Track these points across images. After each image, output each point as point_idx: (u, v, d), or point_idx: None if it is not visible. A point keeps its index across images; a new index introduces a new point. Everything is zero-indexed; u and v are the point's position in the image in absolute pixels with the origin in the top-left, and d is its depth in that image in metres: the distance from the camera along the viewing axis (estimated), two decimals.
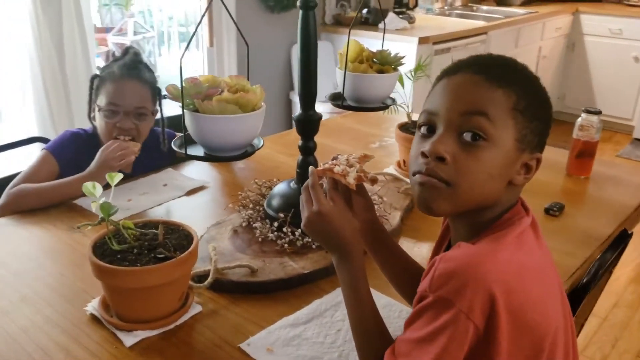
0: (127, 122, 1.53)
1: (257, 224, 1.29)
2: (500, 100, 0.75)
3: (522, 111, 0.76)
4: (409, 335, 0.74)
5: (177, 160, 1.71)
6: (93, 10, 6.88)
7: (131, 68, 1.56)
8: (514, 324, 0.70)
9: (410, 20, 3.78)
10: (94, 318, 1.03)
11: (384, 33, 1.50)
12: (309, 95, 1.28)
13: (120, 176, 1.04)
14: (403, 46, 3.04)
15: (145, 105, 1.57)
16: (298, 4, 1.21)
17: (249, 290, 1.13)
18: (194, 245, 1.02)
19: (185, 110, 1.06)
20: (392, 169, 1.74)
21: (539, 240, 0.81)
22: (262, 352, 0.98)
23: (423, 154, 0.76)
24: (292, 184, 1.34)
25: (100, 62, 6.07)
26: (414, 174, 0.78)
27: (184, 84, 1.08)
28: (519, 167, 0.78)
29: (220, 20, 3.03)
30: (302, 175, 1.32)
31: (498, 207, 0.80)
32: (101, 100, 1.55)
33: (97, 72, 1.61)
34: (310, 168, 0.91)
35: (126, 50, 1.63)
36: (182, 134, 1.09)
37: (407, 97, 1.67)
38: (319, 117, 1.30)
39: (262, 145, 1.17)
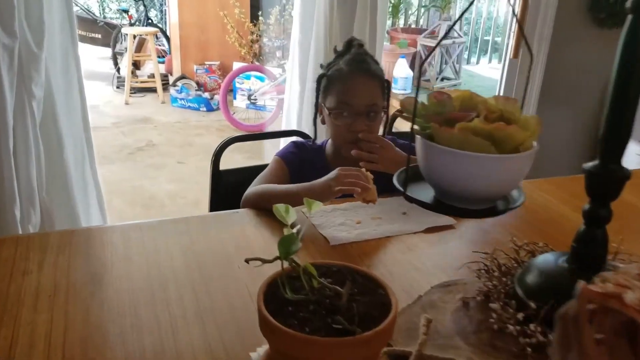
0: (360, 124, 1.40)
1: (496, 305, 0.93)
2: None
3: None
4: None
5: None
6: (411, 12, 7.02)
7: (359, 62, 1.43)
8: None
9: None
10: None
11: None
12: (615, 140, 0.85)
13: (319, 205, 0.81)
14: None
15: (376, 102, 1.43)
16: (628, 4, 0.81)
17: None
18: (387, 322, 0.73)
19: (417, 135, 0.77)
20: None
21: None
22: None
23: None
24: (562, 261, 0.94)
25: (404, 64, 6.14)
26: None
27: (427, 100, 0.79)
28: None
29: (534, 30, 2.61)
30: (579, 254, 0.90)
31: None
32: (330, 102, 1.44)
33: (324, 72, 1.49)
34: (579, 285, 0.53)
35: (349, 42, 1.49)
36: (406, 167, 0.80)
37: None
38: (625, 175, 0.86)
39: (521, 203, 0.81)
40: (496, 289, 0.98)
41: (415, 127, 0.79)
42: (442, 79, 6.36)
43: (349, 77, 1.41)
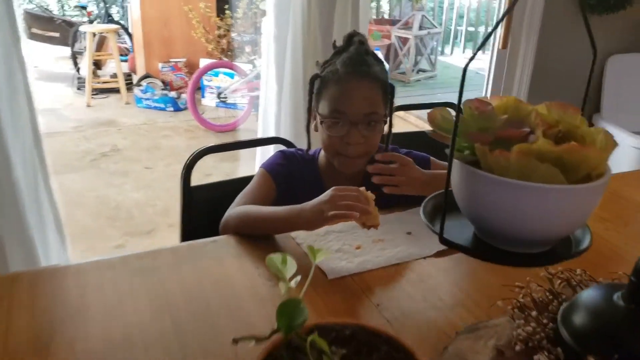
0: (356, 135, 1.21)
1: (540, 357, 0.75)
2: None
3: None
4: None
5: None
6: (383, 2, 6.87)
7: (358, 63, 1.22)
8: None
9: None
10: None
11: None
12: None
13: (325, 254, 0.62)
14: None
15: (376, 110, 1.23)
16: None
17: None
18: None
19: (455, 159, 0.59)
20: None
21: None
22: None
23: None
24: (617, 298, 0.77)
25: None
26: None
27: (463, 110, 0.60)
28: None
29: (522, 20, 2.46)
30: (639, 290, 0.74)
31: None
32: (323, 108, 1.24)
33: (318, 71, 1.28)
34: None
35: (350, 37, 1.27)
36: (445, 190, 0.62)
37: None
38: None
39: (588, 245, 0.64)
40: (536, 332, 0.81)
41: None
42: (418, 71, 6.20)
43: (344, 81, 1.21)
